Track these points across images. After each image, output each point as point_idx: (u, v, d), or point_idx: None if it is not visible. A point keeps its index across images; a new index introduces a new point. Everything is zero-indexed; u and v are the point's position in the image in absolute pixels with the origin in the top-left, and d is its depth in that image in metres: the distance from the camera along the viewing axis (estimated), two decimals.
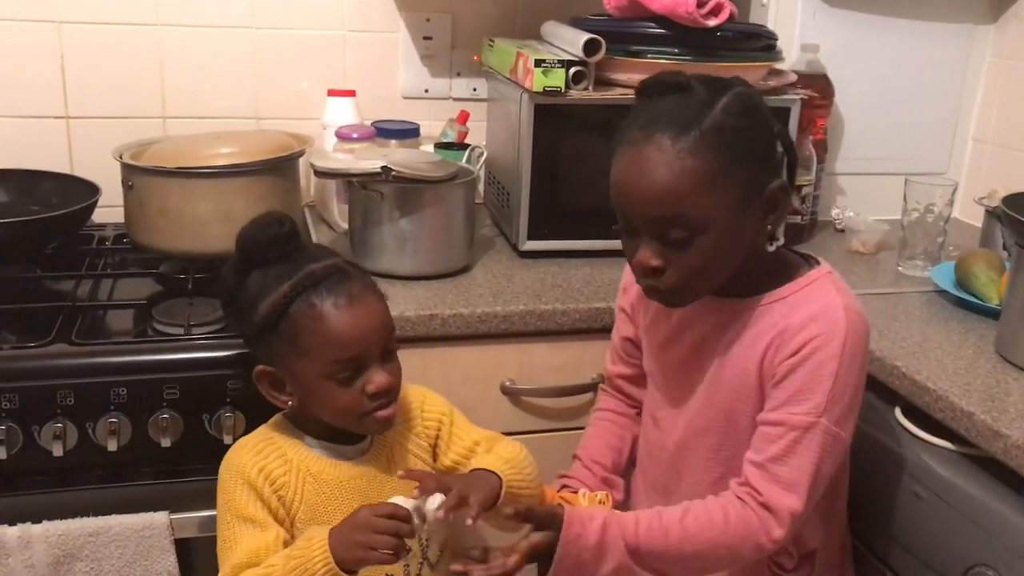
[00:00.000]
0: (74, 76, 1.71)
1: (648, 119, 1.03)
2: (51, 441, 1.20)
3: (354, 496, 1.11)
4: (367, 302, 1.08)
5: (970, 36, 1.93)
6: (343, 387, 1.06)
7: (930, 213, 1.60)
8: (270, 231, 1.08)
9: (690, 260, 1.03)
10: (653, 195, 1.01)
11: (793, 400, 1.04)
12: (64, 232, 1.56)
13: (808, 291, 1.09)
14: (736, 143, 1.01)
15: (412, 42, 1.86)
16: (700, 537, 1.06)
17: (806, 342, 1.04)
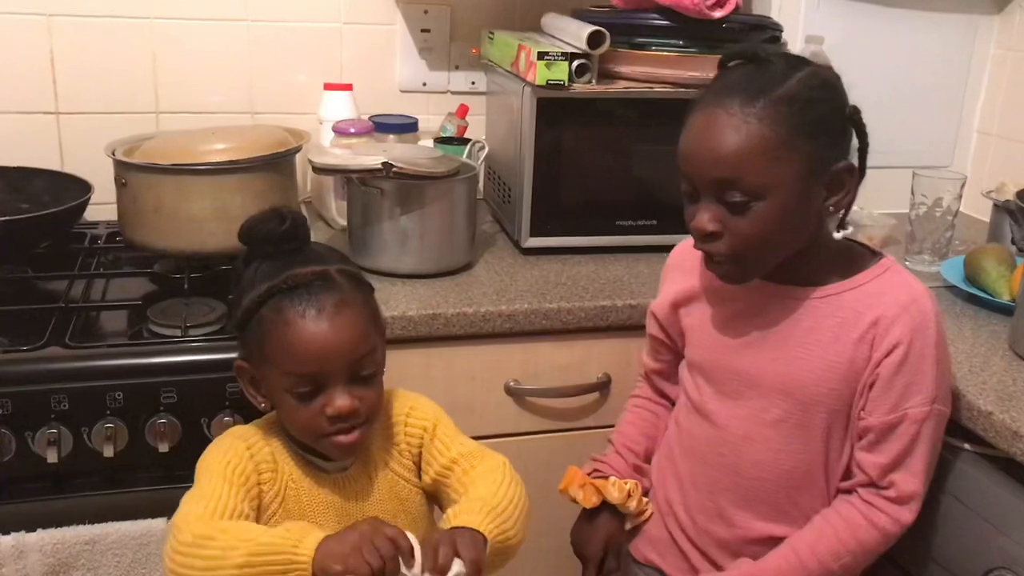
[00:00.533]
0: (64, 71, 1.67)
1: (722, 86, 1.06)
2: (45, 447, 1.17)
3: (330, 512, 1.06)
4: (341, 318, 1.00)
5: (975, 27, 1.91)
6: (301, 403, 1.00)
7: (938, 207, 1.58)
8: (267, 226, 1.04)
9: (747, 227, 1.04)
10: (715, 156, 1.02)
11: (905, 396, 1.06)
12: (56, 231, 1.52)
13: (885, 279, 1.10)
14: (805, 116, 1.02)
15: (410, 35, 1.82)
16: (836, 554, 1.09)
17: (903, 337, 1.06)
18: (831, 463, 1.13)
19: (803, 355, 1.11)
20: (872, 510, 1.08)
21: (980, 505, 1.09)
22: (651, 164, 1.59)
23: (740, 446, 1.15)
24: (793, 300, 1.12)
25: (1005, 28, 1.89)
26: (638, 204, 1.60)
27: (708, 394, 1.19)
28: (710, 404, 1.18)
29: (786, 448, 1.12)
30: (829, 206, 1.07)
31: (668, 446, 1.27)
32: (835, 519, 1.10)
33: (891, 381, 1.06)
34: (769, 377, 1.12)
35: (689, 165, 1.06)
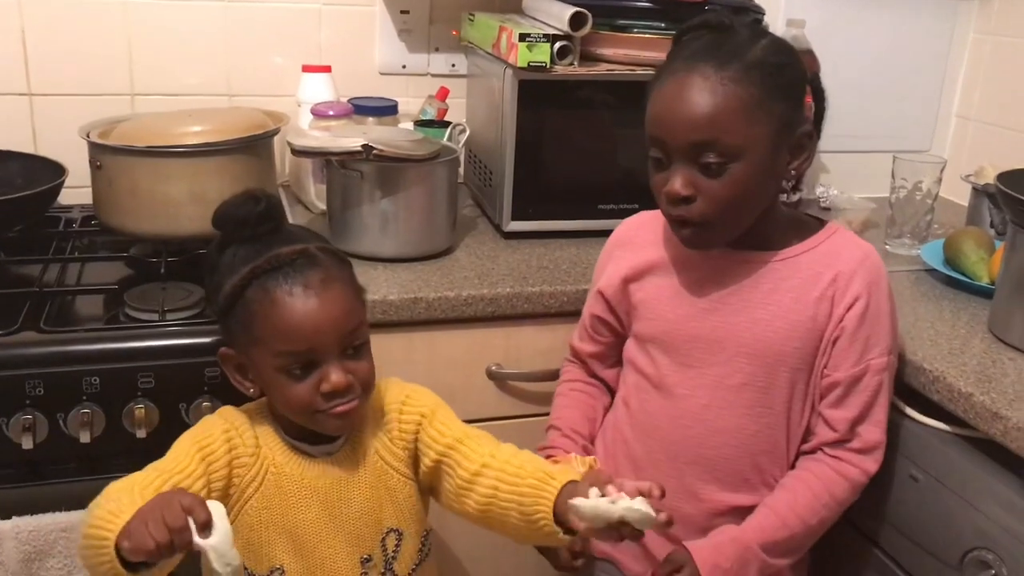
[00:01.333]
0: (37, 51, 1.64)
1: (690, 53, 1.08)
2: (20, 433, 1.15)
3: (314, 496, 1.06)
4: (329, 294, 1.00)
5: (954, 11, 1.91)
6: (296, 381, 1.00)
7: (918, 191, 1.58)
8: (243, 210, 1.03)
9: (722, 189, 1.06)
10: (694, 119, 1.04)
11: (868, 348, 1.11)
12: (29, 214, 1.49)
13: (835, 240, 1.15)
14: (776, 79, 1.06)
15: (389, 16, 1.80)
16: (813, 510, 1.12)
17: (861, 292, 1.10)
18: (792, 426, 1.15)
19: (765, 316, 1.13)
20: (841, 463, 1.13)
21: (960, 486, 1.09)
22: (633, 147, 1.58)
23: (703, 415, 1.16)
24: (751, 264, 1.14)
25: (984, 13, 1.90)
26: (620, 187, 1.59)
27: (666, 366, 1.19)
28: (669, 377, 1.18)
29: (750, 413, 1.14)
30: (791, 169, 1.11)
31: (616, 429, 1.26)
32: (807, 476, 1.14)
33: (855, 334, 1.10)
34: (732, 341, 1.14)
35: (662, 130, 1.07)
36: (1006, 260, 1.25)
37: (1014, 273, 1.23)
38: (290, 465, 1.06)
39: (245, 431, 1.05)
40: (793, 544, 1.13)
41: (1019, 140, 1.81)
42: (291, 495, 1.05)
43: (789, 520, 1.12)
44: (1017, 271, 1.22)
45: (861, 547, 1.23)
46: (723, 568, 1.10)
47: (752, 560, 1.11)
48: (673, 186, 1.07)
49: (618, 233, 1.29)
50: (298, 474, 1.06)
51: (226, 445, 1.03)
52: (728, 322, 1.14)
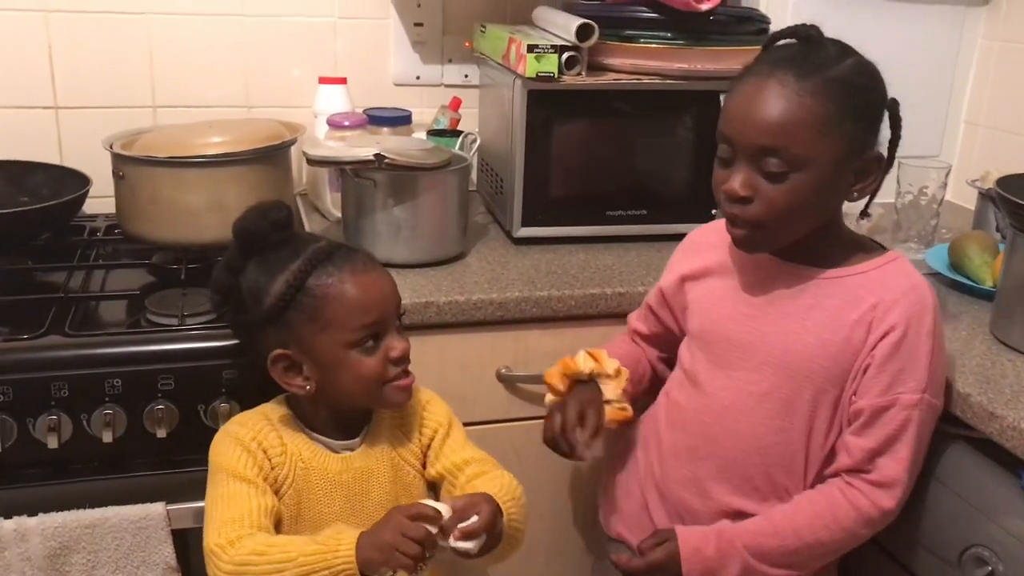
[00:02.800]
0: (62, 66, 1.70)
1: (776, 59, 1.09)
2: (46, 433, 1.19)
3: (337, 490, 1.11)
4: (378, 270, 1.11)
5: (961, 18, 1.92)
6: (367, 355, 1.07)
7: (923, 196, 1.60)
8: (272, 215, 1.10)
9: (779, 196, 1.06)
10: (765, 123, 1.05)
11: (898, 381, 1.08)
12: (55, 223, 1.55)
13: (890, 268, 1.13)
14: (855, 99, 1.07)
15: (403, 28, 1.84)
16: (811, 529, 1.11)
17: (900, 321, 1.08)
18: (813, 445, 1.15)
19: (798, 330, 1.13)
20: (852, 490, 1.11)
21: (959, 485, 1.11)
22: (641, 155, 1.62)
23: (723, 415, 1.18)
24: (798, 278, 1.15)
25: (992, 19, 1.91)
26: (628, 194, 1.62)
27: (701, 362, 1.21)
28: (701, 373, 1.21)
29: (767, 423, 1.14)
30: (854, 191, 1.11)
31: (653, 419, 1.29)
32: (814, 495, 1.13)
33: (885, 364, 1.08)
34: (762, 348, 1.15)
35: (733, 129, 1.08)
36: (1006, 263, 1.27)
37: (1014, 276, 1.24)
38: (315, 459, 1.11)
39: (268, 433, 1.10)
40: (784, 555, 1.12)
41: None
42: (317, 489, 1.10)
43: (782, 530, 1.12)
44: (1017, 274, 1.24)
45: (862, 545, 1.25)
46: (704, 555, 1.12)
47: (734, 557, 1.12)
48: (733, 184, 1.08)
49: (691, 236, 1.32)
50: (322, 468, 1.11)
51: (261, 451, 1.08)
52: (761, 329, 1.15)
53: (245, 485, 1.05)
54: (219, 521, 1.02)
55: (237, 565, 0.98)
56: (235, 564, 0.98)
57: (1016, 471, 1.06)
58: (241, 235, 1.11)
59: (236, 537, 0.99)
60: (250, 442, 1.08)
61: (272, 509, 1.05)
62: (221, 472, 1.07)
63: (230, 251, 1.13)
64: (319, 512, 1.10)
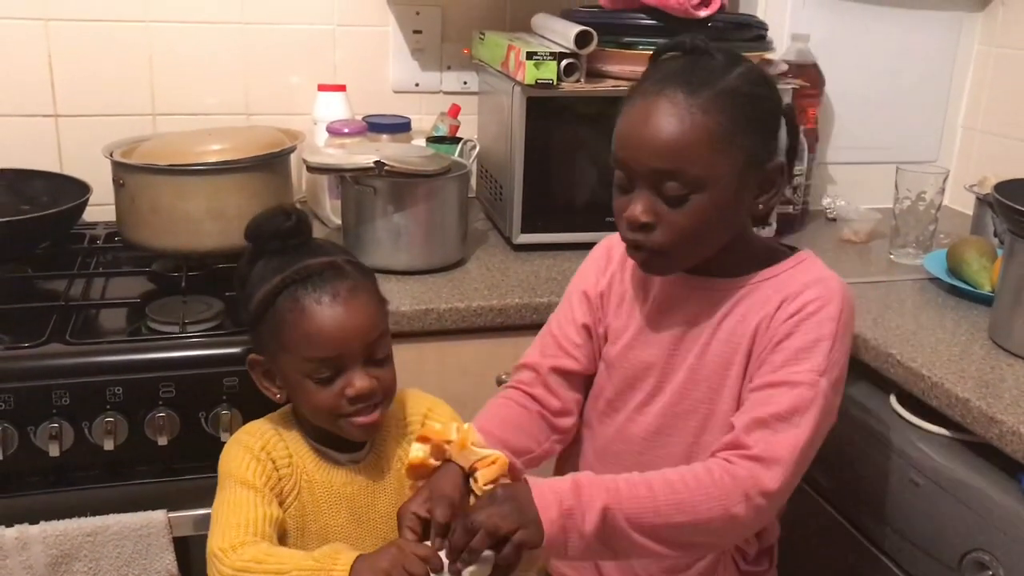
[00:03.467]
0: (62, 74, 1.70)
1: (663, 75, 1.04)
2: (47, 441, 1.19)
3: (342, 503, 1.10)
4: (355, 302, 1.04)
5: (958, 24, 1.93)
6: (322, 387, 1.03)
7: (921, 201, 1.60)
8: (275, 223, 1.07)
9: (682, 220, 1.01)
10: (658, 145, 1.00)
11: (794, 359, 1.02)
12: (55, 231, 1.55)
13: (799, 268, 1.09)
14: (748, 110, 1.01)
15: (402, 36, 1.85)
16: (686, 494, 0.97)
17: (806, 303, 1.03)
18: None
19: (713, 341, 1.09)
20: (730, 464, 0.99)
21: (959, 490, 1.11)
22: None
23: (651, 442, 1.13)
24: (713, 291, 1.10)
25: (988, 25, 1.92)
26: None
27: (622, 389, 1.16)
28: (624, 400, 1.16)
29: (696, 441, 1.10)
30: (759, 203, 1.06)
31: (578, 453, 1.22)
32: (694, 465, 1.02)
33: (782, 343, 1.03)
34: (682, 367, 1.11)
35: (626, 153, 1.03)
36: (1004, 268, 1.27)
37: (1012, 281, 1.25)
38: (320, 472, 1.10)
39: (277, 443, 1.09)
40: (650, 526, 0.97)
41: None
42: (322, 502, 1.09)
43: (655, 484, 0.98)
44: (1015, 279, 1.24)
45: (863, 550, 1.26)
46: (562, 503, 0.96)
47: (596, 501, 0.96)
48: (634, 212, 1.02)
49: (607, 241, 1.24)
50: (327, 480, 1.10)
51: (270, 461, 1.07)
52: (681, 349, 1.11)
53: (252, 493, 1.04)
54: (224, 525, 1.02)
55: (236, 570, 0.97)
56: (235, 569, 0.97)
57: (1016, 475, 1.07)
58: (247, 235, 1.09)
59: (239, 543, 0.99)
60: (259, 451, 1.07)
61: (276, 520, 1.04)
62: (229, 478, 1.06)
63: (247, 248, 1.11)
64: (324, 524, 1.10)
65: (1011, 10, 1.87)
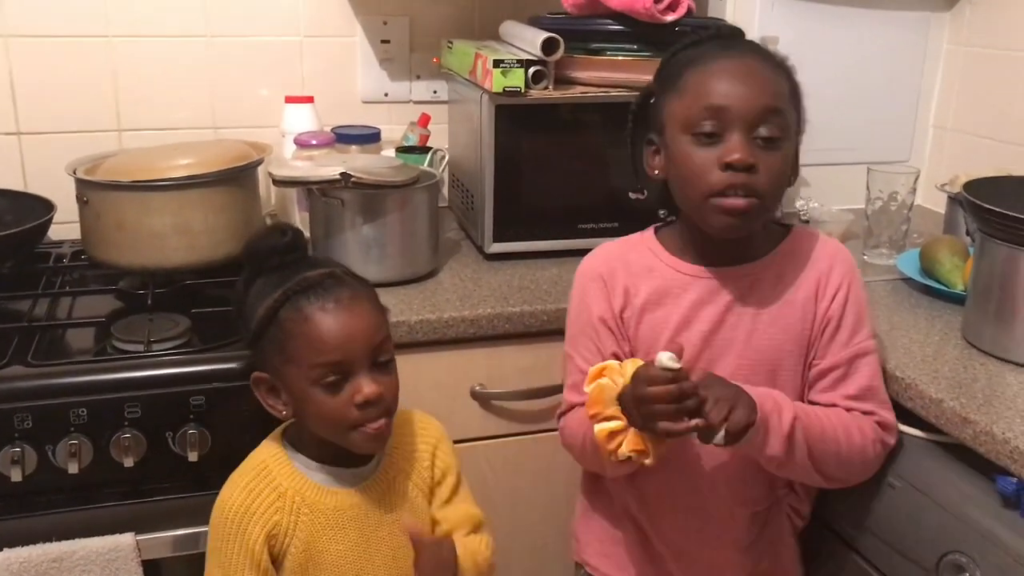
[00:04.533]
0: (24, 91, 1.68)
1: (721, 46, 1.13)
2: (9, 466, 1.17)
3: (350, 525, 1.09)
4: (357, 308, 1.06)
5: (926, 24, 1.94)
6: (330, 395, 1.03)
7: (893, 201, 1.60)
8: (271, 240, 1.09)
9: (777, 162, 1.08)
10: (763, 86, 1.08)
11: (856, 333, 1.15)
12: (19, 251, 1.52)
13: (805, 239, 1.19)
14: (795, 83, 1.13)
15: (370, 46, 1.84)
16: (841, 429, 1.11)
17: (841, 282, 1.15)
18: None
19: (760, 326, 1.15)
20: (866, 418, 1.13)
21: (935, 492, 1.11)
22: (610, 167, 1.61)
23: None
24: (739, 279, 1.16)
25: (956, 24, 1.93)
26: (599, 207, 1.62)
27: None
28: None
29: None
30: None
31: (641, 487, 1.22)
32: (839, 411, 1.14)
33: (841, 322, 1.15)
34: (729, 358, 1.15)
35: (727, 99, 1.06)
36: (975, 267, 1.27)
37: (983, 280, 1.25)
38: (323, 499, 1.09)
39: (262, 489, 1.07)
40: (818, 436, 1.09)
41: (995, 148, 1.83)
42: (328, 528, 1.08)
43: (823, 415, 1.11)
44: (986, 278, 1.24)
45: (841, 552, 1.25)
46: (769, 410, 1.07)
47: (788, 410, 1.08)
48: (742, 152, 1.05)
49: (593, 266, 1.22)
50: (333, 505, 1.09)
51: (258, 527, 1.05)
52: (726, 339, 1.15)
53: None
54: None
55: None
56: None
57: (991, 476, 1.06)
58: (244, 254, 1.11)
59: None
60: (255, 542, 1.05)
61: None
62: (214, 560, 1.07)
63: (245, 269, 1.12)
64: (335, 551, 1.08)
65: (978, 9, 1.87)
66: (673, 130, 1.11)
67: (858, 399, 1.14)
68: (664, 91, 1.14)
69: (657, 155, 1.15)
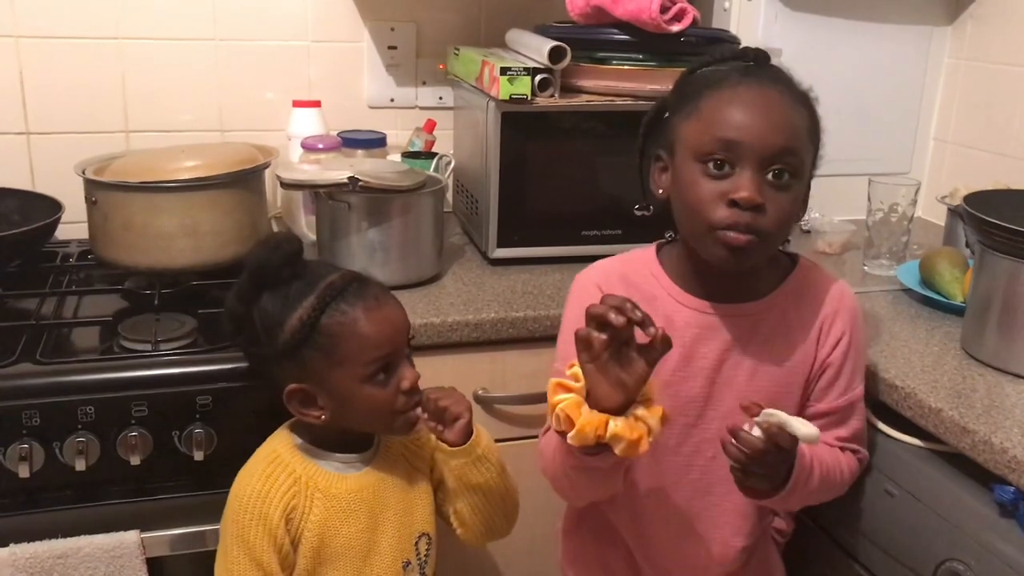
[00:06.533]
0: (34, 92, 1.69)
1: (744, 72, 1.09)
2: (17, 462, 1.17)
3: (361, 508, 1.13)
4: (391, 302, 1.12)
5: (928, 38, 1.96)
6: (380, 388, 1.08)
7: (894, 213, 1.62)
8: (283, 249, 1.10)
9: (786, 203, 1.06)
10: (781, 124, 1.04)
11: (853, 379, 1.17)
12: (27, 250, 1.53)
13: (810, 277, 1.19)
14: (816, 116, 1.11)
15: (377, 51, 1.85)
16: (834, 465, 1.14)
17: (844, 330, 1.16)
18: None
19: (762, 365, 1.15)
20: (852, 457, 1.18)
21: (933, 500, 1.12)
22: (615, 175, 1.63)
23: (710, 467, 1.17)
24: (741, 318, 1.15)
25: (957, 38, 1.95)
26: (603, 214, 1.63)
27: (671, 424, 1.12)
28: (674, 436, 1.16)
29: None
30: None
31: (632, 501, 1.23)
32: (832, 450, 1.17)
33: (841, 370, 1.15)
34: (732, 394, 1.14)
35: (741, 133, 1.03)
36: (975, 279, 1.28)
37: (982, 291, 1.26)
38: (334, 484, 1.12)
39: (278, 475, 1.10)
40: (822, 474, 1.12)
41: (995, 161, 1.85)
42: (340, 511, 1.12)
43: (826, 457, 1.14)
44: (985, 289, 1.25)
45: (839, 560, 1.26)
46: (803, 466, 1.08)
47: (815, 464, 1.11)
48: (750, 191, 1.02)
49: (590, 278, 1.20)
50: (343, 489, 1.12)
51: (278, 512, 1.08)
52: (727, 377, 1.15)
53: (259, 573, 1.07)
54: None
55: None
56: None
57: (988, 484, 1.07)
58: (253, 270, 1.10)
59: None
60: (276, 526, 1.08)
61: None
62: (236, 548, 1.08)
63: (241, 282, 1.11)
64: (348, 534, 1.12)
65: (980, 23, 1.89)
66: (684, 153, 1.09)
67: (849, 440, 1.18)
68: (679, 109, 1.11)
69: (664, 173, 1.14)
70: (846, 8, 1.88)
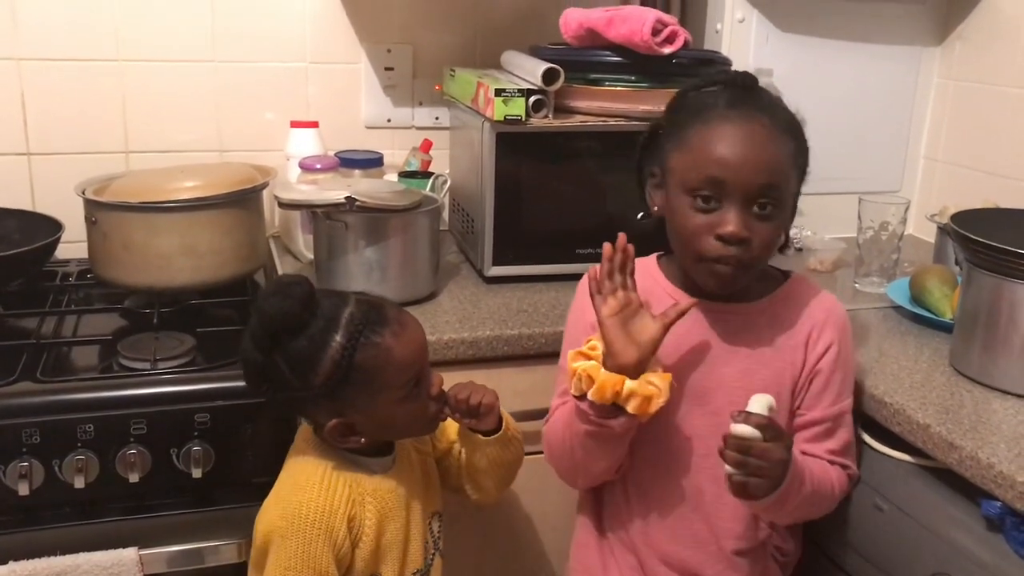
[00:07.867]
0: (35, 113, 1.71)
1: (730, 101, 1.12)
2: (17, 480, 1.19)
3: (399, 502, 1.17)
4: (409, 319, 1.16)
5: (918, 58, 1.98)
6: (415, 401, 1.13)
7: (884, 231, 1.64)
8: (297, 294, 1.07)
9: (769, 233, 1.11)
10: (762, 162, 1.09)
11: (843, 389, 1.20)
12: (27, 269, 1.55)
13: (802, 290, 1.23)
14: (802, 140, 1.15)
15: (374, 73, 1.88)
16: (823, 477, 1.16)
17: (834, 338, 1.19)
18: None
19: (752, 365, 1.17)
20: (842, 473, 1.20)
21: (922, 514, 1.13)
22: (608, 194, 1.65)
23: (702, 464, 1.18)
24: (733, 316, 1.19)
25: (946, 59, 1.97)
26: (596, 232, 1.62)
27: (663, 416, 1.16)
28: (664, 428, 1.18)
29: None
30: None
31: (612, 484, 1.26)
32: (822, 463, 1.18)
33: (831, 377, 1.18)
34: (722, 391, 1.17)
35: (726, 171, 1.08)
36: (963, 296, 1.30)
37: (969, 308, 1.28)
38: (379, 487, 1.16)
39: (336, 485, 1.12)
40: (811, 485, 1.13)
41: (984, 180, 1.87)
42: (388, 511, 1.16)
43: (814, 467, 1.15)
44: (972, 306, 1.27)
45: (829, 573, 1.27)
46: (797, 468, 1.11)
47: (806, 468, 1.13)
48: (737, 227, 1.08)
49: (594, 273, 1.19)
50: (385, 489, 1.16)
51: (344, 521, 1.11)
52: (719, 374, 1.18)
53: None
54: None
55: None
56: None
57: (976, 499, 1.09)
58: (272, 320, 1.07)
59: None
60: (341, 536, 1.10)
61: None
62: (301, 561, 1.07)
63: (256, 332, 1.08)
64: (388, 531, 1.16)
65: (968, 44, 1.92)
66: (674, 183, 1.14)
67: (839, 454, 1.19)
68: (670, 134, 1.16)
69: (659, 189, 1.19)
70: (836, 29, 1.91)
